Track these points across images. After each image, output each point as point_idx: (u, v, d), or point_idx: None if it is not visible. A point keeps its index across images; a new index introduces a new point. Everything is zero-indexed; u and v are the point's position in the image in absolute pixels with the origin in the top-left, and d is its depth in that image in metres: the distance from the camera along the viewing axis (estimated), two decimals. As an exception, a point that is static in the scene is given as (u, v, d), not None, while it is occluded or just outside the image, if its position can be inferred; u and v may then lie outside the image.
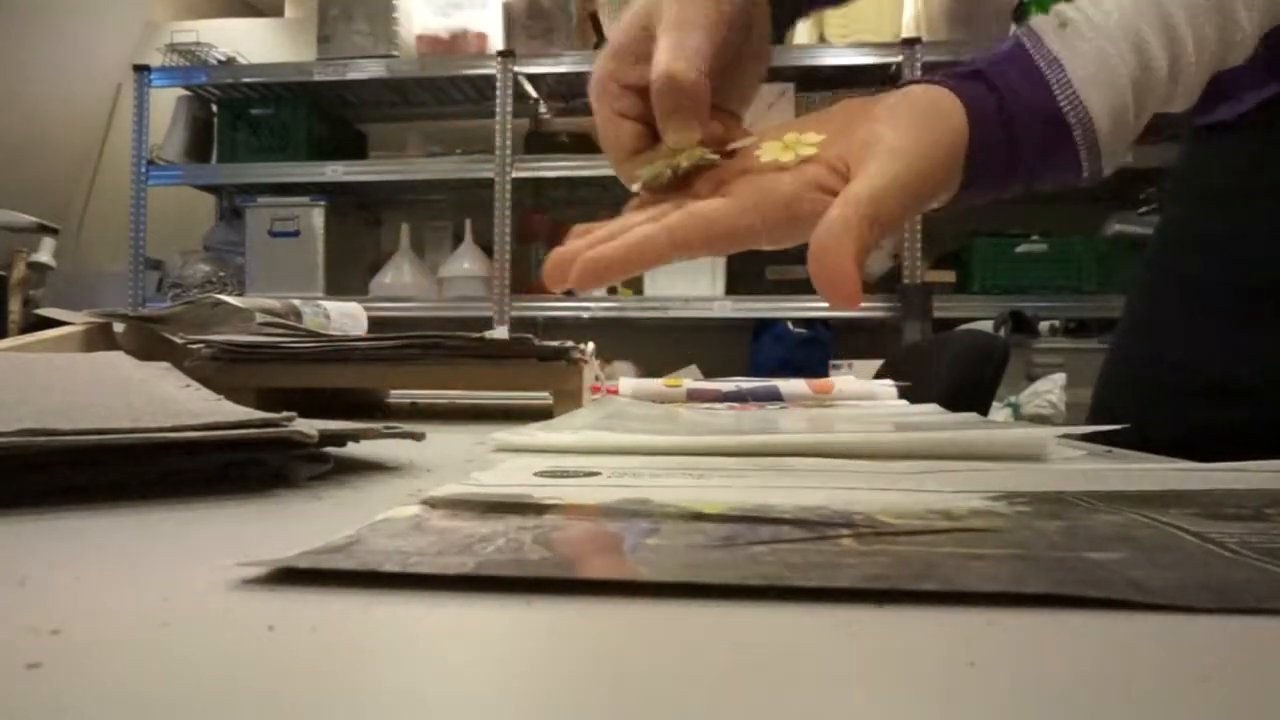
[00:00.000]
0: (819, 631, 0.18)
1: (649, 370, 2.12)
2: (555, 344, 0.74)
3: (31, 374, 0.43)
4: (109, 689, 0.15)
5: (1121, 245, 2.54)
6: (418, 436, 0.42)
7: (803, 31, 2.68)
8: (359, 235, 3.14)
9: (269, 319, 0.79)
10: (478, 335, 0.75)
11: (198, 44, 3.05)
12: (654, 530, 0.25)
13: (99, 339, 0.79)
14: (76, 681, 0.15)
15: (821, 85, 2.69)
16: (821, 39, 2.68)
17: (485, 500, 0.29)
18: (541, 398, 0.83)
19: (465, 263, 2.85)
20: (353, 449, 0.41)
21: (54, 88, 3.16)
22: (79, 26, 3.21)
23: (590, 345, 0.83)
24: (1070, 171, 0.42)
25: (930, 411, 0.78)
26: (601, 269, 0.37)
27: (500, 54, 2.78)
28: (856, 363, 2.44)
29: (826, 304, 0.36)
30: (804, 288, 2.60)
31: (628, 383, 0.97)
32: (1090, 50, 0.41)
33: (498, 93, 2.77)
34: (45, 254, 2.09)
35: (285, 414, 0.35)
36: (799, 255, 0.36)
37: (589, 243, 0.39)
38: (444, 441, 0.52)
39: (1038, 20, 0.42)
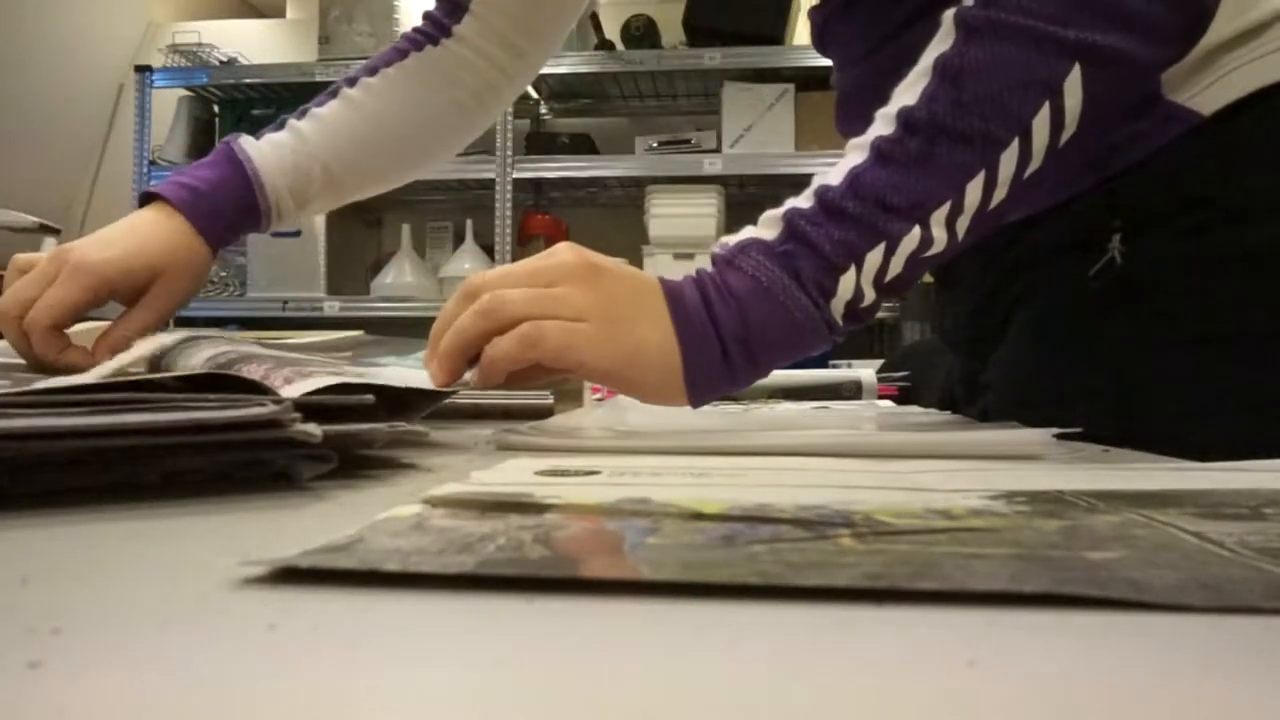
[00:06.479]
0: (818, 631, 0.18)
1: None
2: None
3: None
4: (109, 688, 0.15)
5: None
6: (419, 436, 0.42)
7: (802, 32, 2.68)
8: (360, 235, 3.15)
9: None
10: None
11: (199, 45, 3.05)
12: (654, 529, 0.25)
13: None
14: (77, 681, 0.15)
15: (820, 85, 2.68)
16: (822, 39, 2.68)
17: (486, 499, 0.29)
18: (541, 398, 0.83)
19: (466, 263, 2.84)
20: (355, 448, 0.41)
21: (56, 88, 3.16)
22: (80, 27, 3.21)
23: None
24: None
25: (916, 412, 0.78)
26: None
27: (501, 54, 2.78)
28: (856, 363, 2.43)
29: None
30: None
31: None
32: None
33: (498, 93, 2.77)
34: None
35: (283, 400, 0.35)
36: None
37: None
38: (445, 441, 0.52)
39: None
